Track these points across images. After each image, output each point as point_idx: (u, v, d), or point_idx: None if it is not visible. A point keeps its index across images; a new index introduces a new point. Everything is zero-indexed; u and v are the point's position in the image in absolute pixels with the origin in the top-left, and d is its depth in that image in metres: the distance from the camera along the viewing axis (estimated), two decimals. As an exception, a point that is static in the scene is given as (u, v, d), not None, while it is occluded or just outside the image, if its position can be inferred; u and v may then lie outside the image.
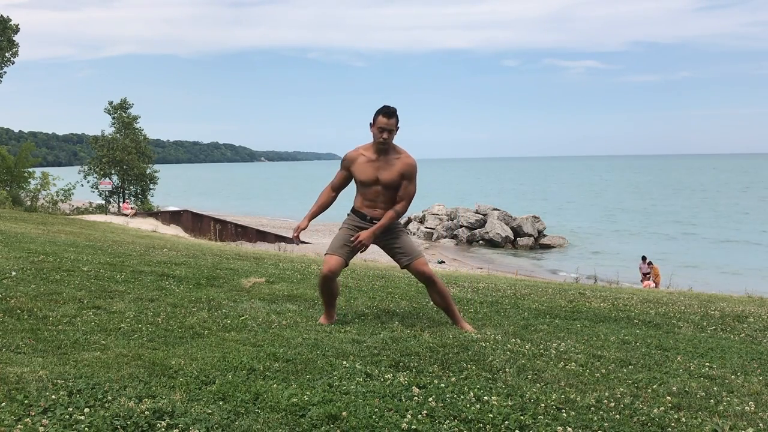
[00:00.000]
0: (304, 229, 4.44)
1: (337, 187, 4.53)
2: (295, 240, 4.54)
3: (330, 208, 4.64)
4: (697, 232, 38.95)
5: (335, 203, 4.67)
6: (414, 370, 3.32)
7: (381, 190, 4.34)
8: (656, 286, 19.24)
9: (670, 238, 36.34)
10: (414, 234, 36.73)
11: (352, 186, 4.56)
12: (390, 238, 4.42)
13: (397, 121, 4.29)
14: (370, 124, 4.30)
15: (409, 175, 4.33)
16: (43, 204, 34.65)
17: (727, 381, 3.49)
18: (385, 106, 4.28)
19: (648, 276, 20.91)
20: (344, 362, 3.36)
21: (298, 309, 5.01)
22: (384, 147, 4.30)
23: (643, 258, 21.61)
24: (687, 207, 54.89)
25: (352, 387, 2.96)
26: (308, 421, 2.55)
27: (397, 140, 4.41)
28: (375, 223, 4.37)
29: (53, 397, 2.62)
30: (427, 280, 4.44)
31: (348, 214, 4.53)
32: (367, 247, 4.36)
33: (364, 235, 4.31)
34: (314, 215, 4.49)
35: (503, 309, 5.58)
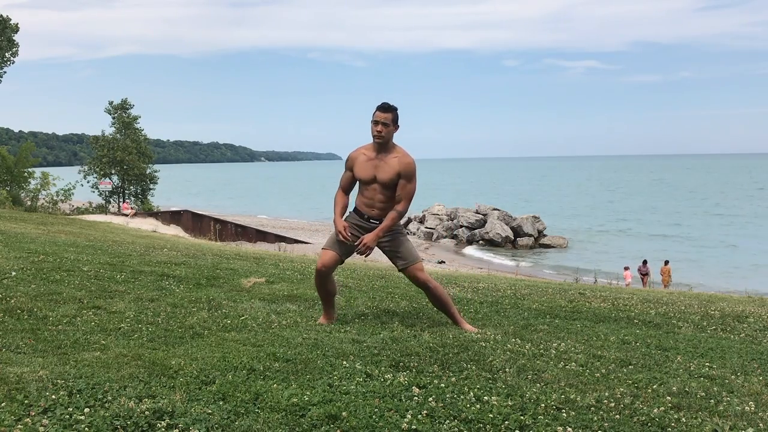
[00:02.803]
0: (346, 226, 4.33)
1: (347, 189, 4.50)
2: (344, 238, 4.30)
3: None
4: (698, 232, 38.95)
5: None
6: (414, 370, 3.32)
7: (378, 188, 4.33)
8: (665, 286, 19.42)
9: (671, 238, 36.35)
10: (414, 234, 36.74)
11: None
12: (388, 240, 4.40)
13: (396, 118, 4.27)
14: (371, 122, 4.32)
15: (407, 175, 4.29)
16: (43, 204, 34.65)
17: (727, 381, 3.49)
18: (383, 102, 4.29)
19: (646, 277, 21.07)
20: (344, 362, 3.36)
21: (298, 309, 5.01)
22: (381, 142, 4.28)
23: (644, 262, 21.69)
24: (687, 207, 54.87)
25: (352, 387, 2.95)
26: (308, 421, 2.55)
27: (398, 139, 4.42)
28: (373, 223, 4.37)
29: (53, 397, 2.62)
30: (422, 286, 4.46)
31: (350, 212, 4.53)
32: (371, 249, 4.34)
33: (368, 238, 4.29)
34: (342, 216, 4.43)
35: (503, 309, 5.58)
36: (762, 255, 29.88)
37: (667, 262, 21.93)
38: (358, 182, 4.45)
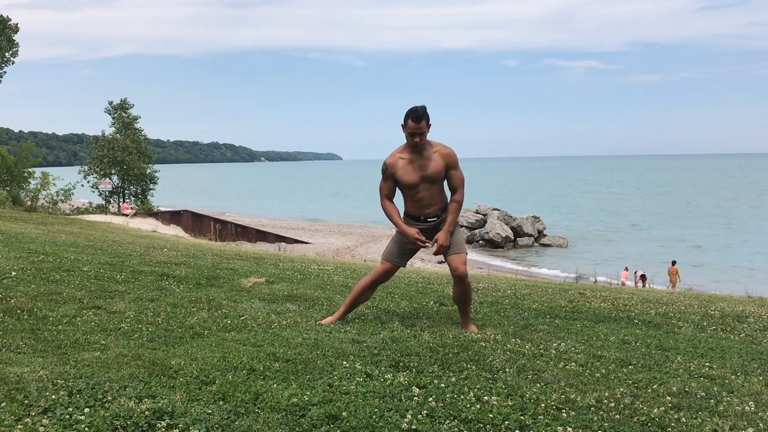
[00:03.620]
0: (418, 230, 4.36)
1: (392, 196, 4.48)
2: (422, 243, 4.36)
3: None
4: (697, 232, 38.96)
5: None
6: (414, 370, 3.32)
7: (426, 186, 4.34)
8: (673, 286, 19.50)
9: (670, 239, 36.35)
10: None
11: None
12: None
13: (428, 120, 4.25)
14: (402, 125, 4.28)
15: (452, 164, 4.37)
16: (43, 204, 34.69)
17: (727, 381, 3.49)
18: (413, 110, 4.22)
19: (644, 281, 21.21)
20: (344, 362, 3.36)
21: (298, 309, 5.01)
22: (419, 148, 4.31)
23: (643, 277, 21.72)
24: (686, 207, 54.88)
25: (352, 387, 2.96)
26: (308, 421, 2.55)
27: (398, 139, 4.41)
28: (430, 221, 4.41)
29: (53, 397, 2.62)
30: (458, 277, 4.43)
31: (403, 219, 4.49)
32: (447, 246, 4.37)
33: (442, 238, 4.32)
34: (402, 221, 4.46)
35: (503, 309, 5.58)
36: (761, 256, 29.88)
37: (674, 263, 21.97)
38: (403, 188, 4.40)
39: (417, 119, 4.20)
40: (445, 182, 4.45)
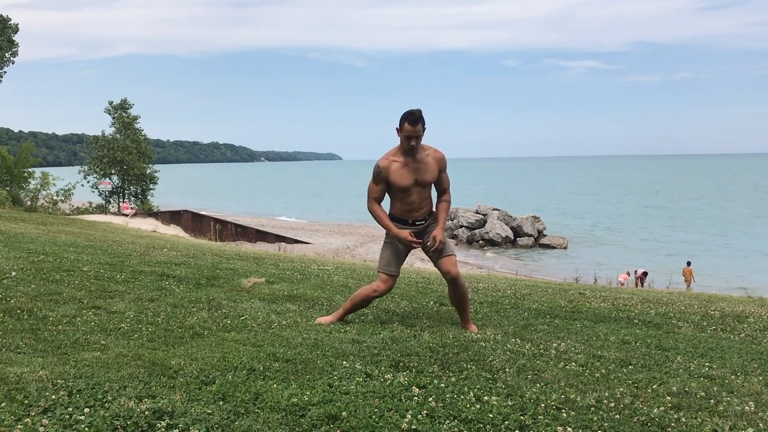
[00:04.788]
0: (411, 232, 4.41)
1: (381, 200, 4.49)
2: (416, 244, 4.41)
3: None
4: (697, 233, 38.97)
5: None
6: (414, 370, 3.32)
7: (418, 190, 4.39)
8: (687, 287, 19.56)
9: (670, 240, 36.36)
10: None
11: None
12: (427, 233, 4.47)
13: (424, 123, 4.26)
14: (397, 129, 4.28)
15: (444, 167, 4.48)
16: (43, 204, 34.68)
17: (727, 381, 3.49)
18: (410, 113, 4.22)
19: (643, 280, 21.25)
20: (344, 362, 3.36)
21: (298, 309, 5.01)
22: (413, 151, 4.33)
23: (645, 273, 21.72)
24: (686, 208, 54.89)
25: (352, 387, 2.95)
26: (308, 421, 2.55)
27: (397, 139, 4.41)
28: (419, 224, 4.46)
29: (53, 397, 2.62)
30: (453, 279, 4.46)
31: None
32: (444, 243, 4.42)
33: (439, 235, 4.37)
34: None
35: (503, 309, 5.58)
36: (760, 256, 29.89)
37: (689, 263, 21.99)
38: (394, 190, 4.40)
39: (414, 122, 4.22)
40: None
